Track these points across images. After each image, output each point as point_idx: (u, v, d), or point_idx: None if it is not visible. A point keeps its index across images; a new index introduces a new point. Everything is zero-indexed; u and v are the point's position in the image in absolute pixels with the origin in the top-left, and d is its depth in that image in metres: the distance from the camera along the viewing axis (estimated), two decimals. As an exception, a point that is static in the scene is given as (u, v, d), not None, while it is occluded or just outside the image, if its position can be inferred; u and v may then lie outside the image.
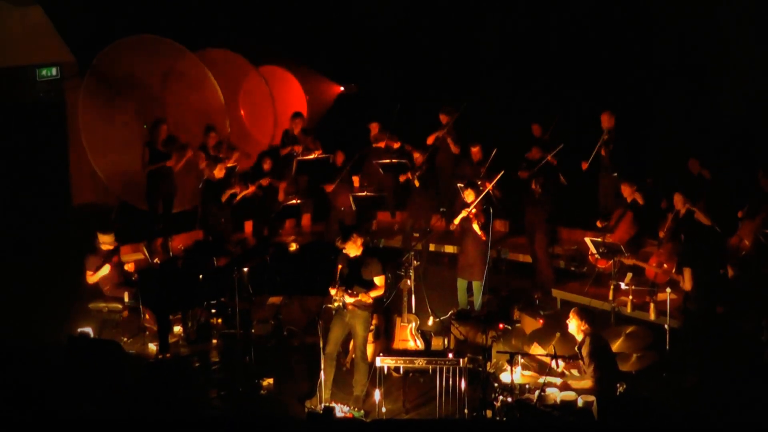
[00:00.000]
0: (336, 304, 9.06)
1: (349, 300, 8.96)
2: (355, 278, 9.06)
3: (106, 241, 10.64)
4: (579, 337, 8.68)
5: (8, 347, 9.78)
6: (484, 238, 10.75)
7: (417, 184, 12.62)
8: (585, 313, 8.72)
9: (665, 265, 10.72)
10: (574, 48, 14.57)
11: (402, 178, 12.83)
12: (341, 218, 12.98)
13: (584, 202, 12.78)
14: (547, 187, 11.82)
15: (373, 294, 9.07)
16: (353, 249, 9.10)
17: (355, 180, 13.13)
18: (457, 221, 10.89)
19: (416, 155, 12.81)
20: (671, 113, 13.79)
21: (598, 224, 11.70)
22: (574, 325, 8.69)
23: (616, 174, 12.33)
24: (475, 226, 10.68)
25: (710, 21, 13.18)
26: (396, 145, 13.45)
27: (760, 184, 11.42)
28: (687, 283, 9.86)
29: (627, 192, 11.31)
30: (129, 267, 10.78)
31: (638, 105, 13.97)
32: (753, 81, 12.70)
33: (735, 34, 13.01)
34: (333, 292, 9.02)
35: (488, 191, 11.16)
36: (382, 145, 13.55)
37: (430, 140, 13.34)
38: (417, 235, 12.63)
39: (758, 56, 12.82)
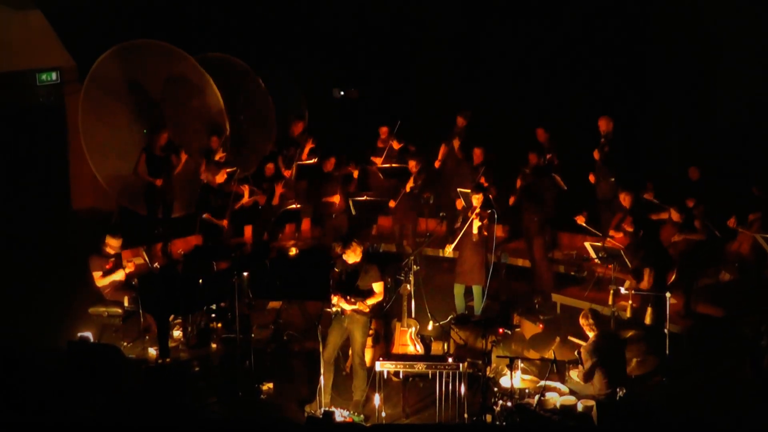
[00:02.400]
0: (335, 309, 9.06)
1: (347, 307, 8.97)
2: (354, 285, 9.07)
3: (113, 245, 10.59)
4: (590, 335, 8.70)
5: (8, 352, 9.79)
6: (486, 234, 10.79)
7: (415, 191, 12.59)
8: (593, 314, 8.68)
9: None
10: (573, 53, 14.60)
11: (408, 187, 12.76)
12: (337, 224, 12.97)
13: (584, 207, 12.75)
14: (538, 191, 11.85)
15: (371, 301, 9.06)
16: (352, 256, 9.11)
17: (354, 174, 13.13)
18: (451, 248, 10.99)
19: (411, 163, 12.76)
20: (671, 118, 13.84)
21: (579, 220, 11.50)
22: (584, 325, 8.69)
23: (613, 179, 12.32)
24: (475, 230, 10.71)
25: (709, 26, 13.23)
26: (397, 146, 13.47)
27: (753, 194, 11.48)
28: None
29: (626, 200, 11.30)
30: (129, 267, 10.72)
31: (637, 109, 14.00)
32: (750, 87, 12.76)
33: (732, 41, 13.08)
34: (335, 299, 9.02)
35: (488, 195, 11.20)
36: (382, 144, 13.58)
37: (438, 162, 13.42)
38: (419, 239, 12.62)
39: (754, 63, 12.89)
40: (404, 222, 12.93)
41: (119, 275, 10.48)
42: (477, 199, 10.80)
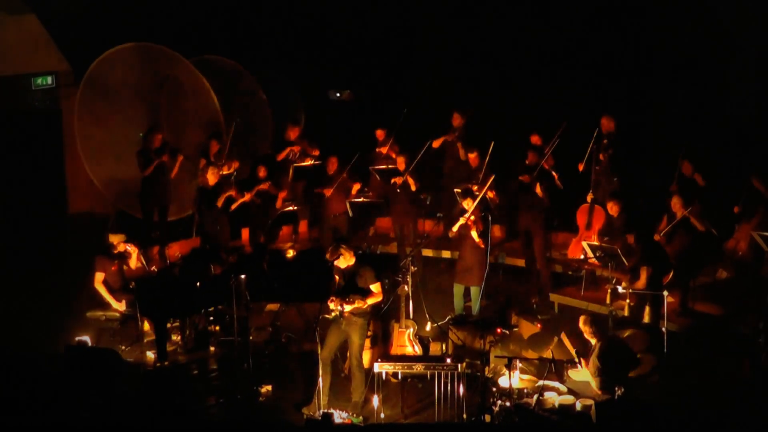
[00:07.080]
0: (333, 314, 9.05)
1: (347, 308, 8.96)
2: (351, 288, 9.06)
3: (116, 241, 10.62)
4: (592, 342, 8.77)
5: (6, 356, 9.78)
6: (482, 246, 10.75)
7: (398, 189, 12.48)
8: (593, 321, 8.71)
9: None
10: (574, 52, 14.59)
11: (393, 181, 12.69)
12: (335, 225, 12.96)
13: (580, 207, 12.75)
14: (549, 191, 11.82)
15: (370, 301, 9.06)
16: (343, 261, 9.10)
17: (356, 186, 13.08)
18: (455, 229, 10.85)
19: (399, 160, 12.62)
20: (670, 114, 13.81)
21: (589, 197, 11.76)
22: (585, 332, 8.73)
23: (617, 179, 12.29)
24: (474, 234, 10.66)
25: (711, 25, 13.23)
26: (394, 155, 13.42)
27: (753, 187, 11.44)
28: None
29: (613, 210, 11.30)
30: (131, 261, 10.75)
31: (636, 107, 13.98)
32: (755, 81, 12.74)
33: (736, 36, 13.07)
34: (332, 305, 9.00)
35: (486, 197, 11.16)
36: (383, 150, 13.53)
37: (436, 144, 13.21)
38: (418, 240, 12.59)
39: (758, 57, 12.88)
40: (404, 222, 12.87)
41: (115, 304, 10.50)
42: (467, 204, 10.76)
